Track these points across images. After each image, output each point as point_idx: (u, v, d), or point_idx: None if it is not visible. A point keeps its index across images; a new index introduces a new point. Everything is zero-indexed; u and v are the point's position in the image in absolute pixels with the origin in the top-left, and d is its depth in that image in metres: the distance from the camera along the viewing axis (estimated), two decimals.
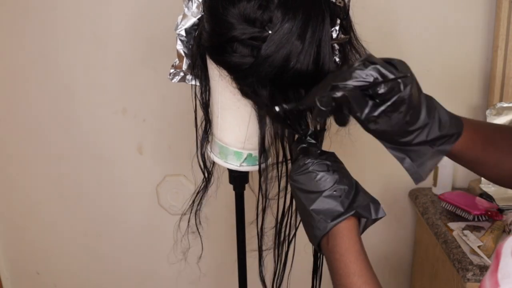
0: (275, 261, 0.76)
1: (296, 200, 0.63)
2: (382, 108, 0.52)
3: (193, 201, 0.87)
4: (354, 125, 0.58)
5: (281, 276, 0.77)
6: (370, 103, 0.53)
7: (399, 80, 0.51)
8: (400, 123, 0.54)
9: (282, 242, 0.75)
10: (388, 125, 0.54)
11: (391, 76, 0.52)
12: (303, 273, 0.97)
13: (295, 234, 0.75)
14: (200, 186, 0.86)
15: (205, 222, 0.92)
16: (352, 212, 0.57)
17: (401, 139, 0.57)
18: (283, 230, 0.74)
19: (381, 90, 0.51)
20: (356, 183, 0.61)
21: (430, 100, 0.57)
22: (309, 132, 0.63)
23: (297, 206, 0.63)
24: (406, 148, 0.58)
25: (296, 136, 0.66)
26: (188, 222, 0.90)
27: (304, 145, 0.62)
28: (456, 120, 0.59)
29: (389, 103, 0.52)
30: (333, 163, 0.61)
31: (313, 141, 0.62)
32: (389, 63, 0.54)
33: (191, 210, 0.88)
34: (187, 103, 0.84)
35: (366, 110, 0.53)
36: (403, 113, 0.53)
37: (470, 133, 0.59)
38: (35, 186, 1.57)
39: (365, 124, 0.55)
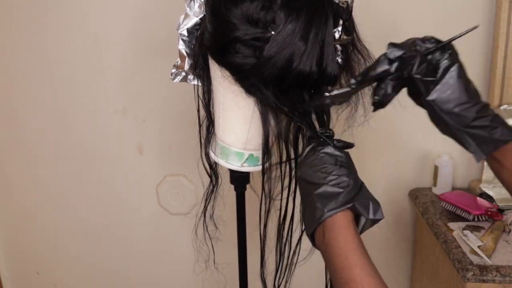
0: (276, 261, 0.76)
1: (299, 190, 0.62)
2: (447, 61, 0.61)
3: (205, 205, 0.85)
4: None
5: (283, 277, 0.77)
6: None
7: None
8: (461, 87, 0.60)
9: (285, 242, 0.74)
10: (452, 89, 0.60)
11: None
12: (306, 274, 0.97)
13: (300, 238, 0.75)
14: (208, 189, 0.85)
15: (222, 225, 0.90)
16: (350, 205, 0.55)
17: (464, 112, 0.60)
18: (286, 230, 0.74)
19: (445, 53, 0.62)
20: (362, 184, 0.60)
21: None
22: (326, 133, 0.63)
23: (301, 198, 0.62)
24: (468, 130, 0.61)
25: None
26: (205, 228, 0.88)
27: (318, 139, 0.62)
28: (507, 124, 0.63)
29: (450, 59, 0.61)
30: (342, 159, 0.60)
31: (329, 133, 0.63)
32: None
33: (204, 215, 0.86)
34: (187, 103, 0.84)
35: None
36: (462, 77, 0.60)
37: None
38: (35, 186, 1.57)
39: (430, 89, 0.60)
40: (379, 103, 0.63)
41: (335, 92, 0.61)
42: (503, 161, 0.62)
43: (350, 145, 0.63)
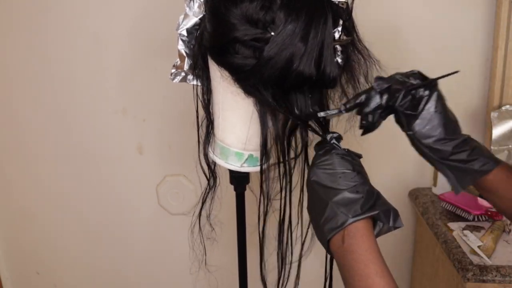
0: (278, 264, 0.76)
1: (311, 194, 0.61)
2: (428, 103, 0.63)
3: (202, 205, 0.84)
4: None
5: (285, 279, 0.76)
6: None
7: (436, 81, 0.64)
8: (440, 123, 0.62)
9: (286, 243, 0.74)
10: (430, 125, 0.62)
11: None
12: (309, 276, 0.97)
13: (303, 242, 0.75)
14: (206, 190, 0.84)
15: (218, 226, 0.90)
16: (375, 213, 0.55)
17: (442, 147, 0.63)
18: (285, 231, 0.74)
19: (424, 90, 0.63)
20: (378, 192, 0.60)
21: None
22: (335, 135, 0.63)
23: (310, 200, 0.61)
24: (447, 163, 0.64)
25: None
26: (200, 228, 0.87)
27: (330, 144, 0.63)
28: (491, 153, 0.66)
29: (434, 96, 0.63)
30: (358, 165, 0.61)
31: (337, 135, 0.64)
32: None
33: (200, 215, 0.85)
34: (187, 103, 0.84)
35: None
36: (441, 112, 0.62)
37: (506, 169, 0.65)
38: (35, 186, 1.57)
39: (411, 123, 0.63)
40: (368, 129, 0.66)
41: (324, 113, 0.64)
42: (489, 187, 0.64)
43: (359, 156, 0.63)
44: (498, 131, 1.25)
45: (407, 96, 0.63)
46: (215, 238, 0.92)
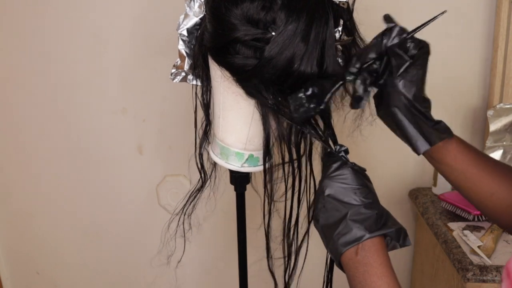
0: (284, 262, 0.76)
1: (323, 207, 0.61)
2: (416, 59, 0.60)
3: (186, 202, 0.85)
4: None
5: (290, 274, 0.77)
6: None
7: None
8: (421, 82, 0.60)
9: (290, 243, 0.74)
10: (416, 77, 0.59)
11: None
12: (313, 273, 0.97)
13: (307, 234, 0.75)
14: (195, 187, 0.85)
15: (196, 226, 0.90)
16: (391, 230, 0.57)
17: (416, 103, 0.60)
18: (291, 231, 0.74)
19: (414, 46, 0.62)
20: (388, 211, 0.62)
21: None
22: (344, 148, 0.64)
23: (321, 213, 0.61)
24: (422, 118, 0.61)
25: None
26: (178, 224, 0.88)
27: (341, 158, 0.63)
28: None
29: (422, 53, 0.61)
30: (368, 181, 0.62)
31: (346, 150, 0.64)
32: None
33: (183, 211, 0.86)
34: (187, 103, 0.84)
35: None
36: (424, 72, 0.60)
37: (462, 144, 0.64)
38: (35, 186, 1.57)
39: (401, 69, 0.59)
40: (358, 100, 0.63)
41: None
42: (442, 159, 0.63)
43: (364, 169, 0.64)
44: (493, 128, 1.26)
45: (403, 44, 0.62)
46: (187, 239, 0.92)
